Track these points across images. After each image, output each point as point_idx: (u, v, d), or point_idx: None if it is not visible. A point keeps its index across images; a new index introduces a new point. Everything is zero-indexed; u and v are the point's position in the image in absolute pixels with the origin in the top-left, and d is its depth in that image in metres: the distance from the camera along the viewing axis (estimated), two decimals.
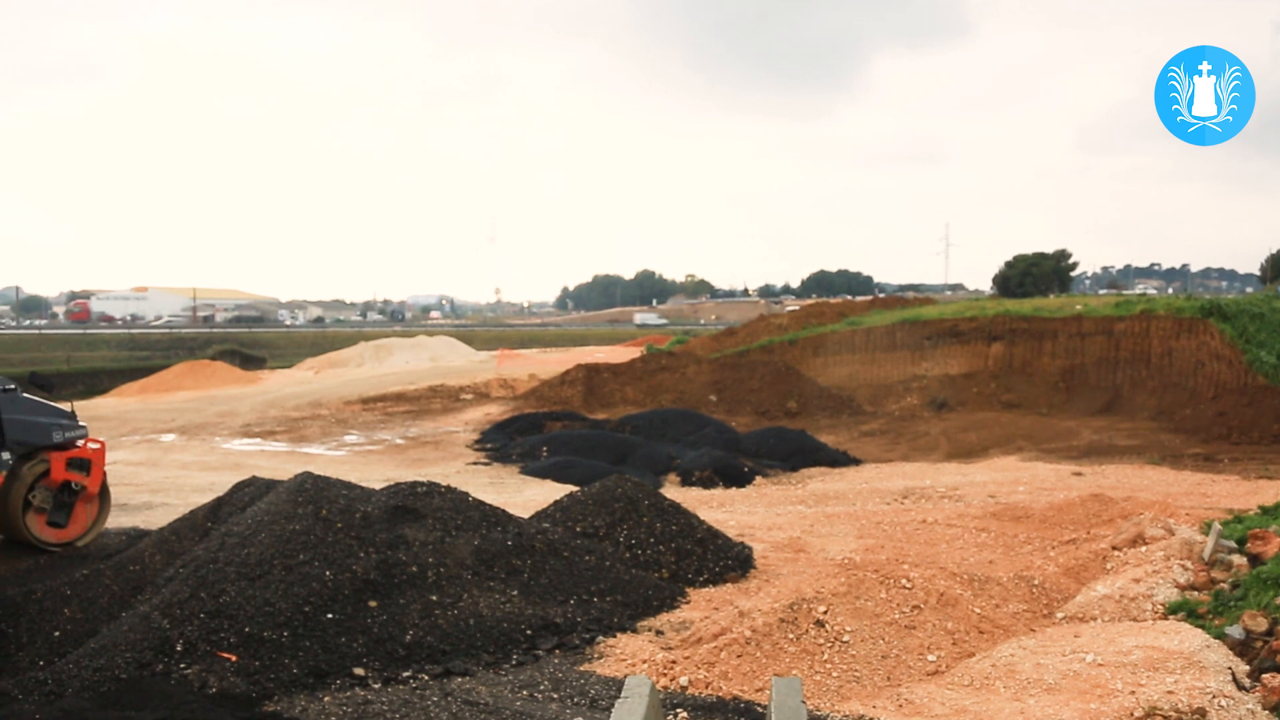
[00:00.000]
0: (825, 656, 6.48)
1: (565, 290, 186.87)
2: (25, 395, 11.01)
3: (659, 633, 7.40)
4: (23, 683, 6.54)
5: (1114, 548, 8.91)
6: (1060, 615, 7.57)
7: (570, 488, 13.06)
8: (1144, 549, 8.56)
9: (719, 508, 12.94)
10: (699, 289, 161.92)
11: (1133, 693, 5.45)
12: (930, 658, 6.64)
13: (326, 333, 79.36)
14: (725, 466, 15.85)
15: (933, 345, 27.16)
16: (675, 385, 26.02)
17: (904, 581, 7.34)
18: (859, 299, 56.14)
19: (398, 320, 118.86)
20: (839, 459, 18.00)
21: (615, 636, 7.27)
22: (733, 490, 14.87)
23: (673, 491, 13.56)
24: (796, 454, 17.80)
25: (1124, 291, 60.92)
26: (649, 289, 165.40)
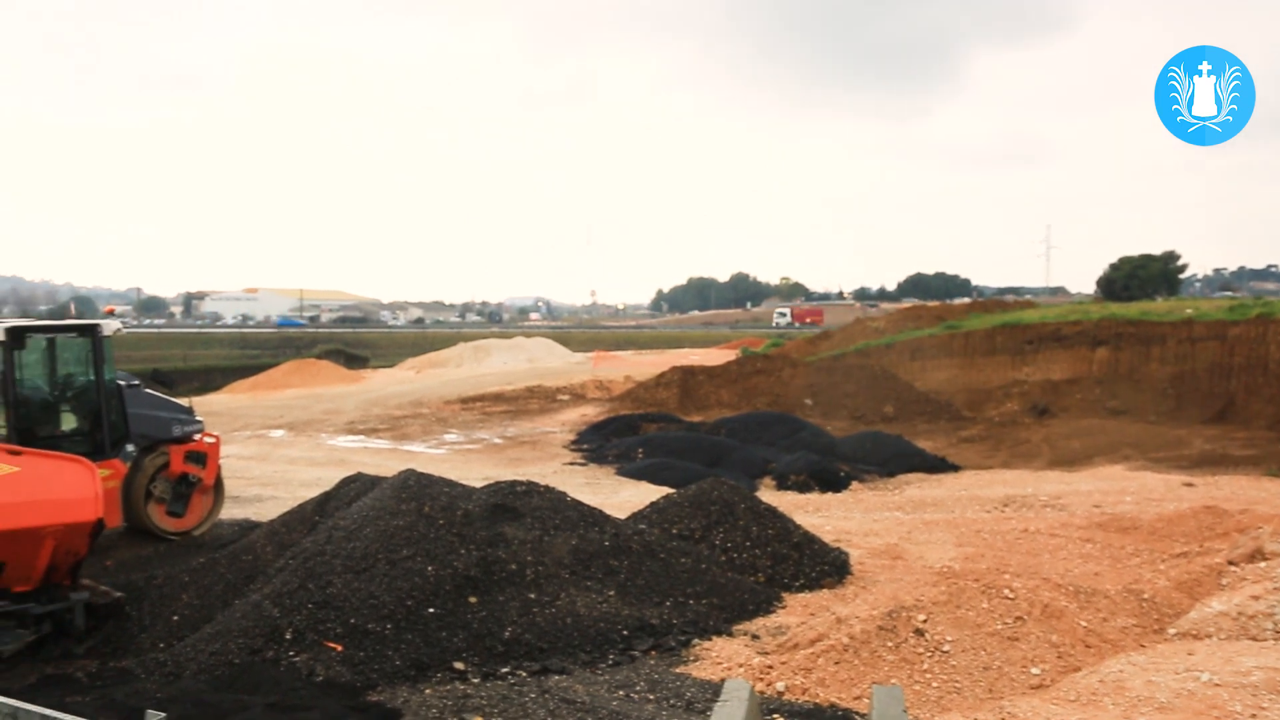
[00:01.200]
0: (925, 666, 6.38)
1: (659, 293, 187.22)
2: (148, 391, 11.57)
3: (755, 637, 7.39)
4: (144, 662, 6.90)
5: (1230, 563, 8.55)
6: (1172, 631, 7.30)
7: (666, 490, 13.11)
8: (1263, 564, 8.20)
9: (815, 512, 12.83)
10: (793, 292, 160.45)
11: (1253, 716, 5.23)
12: (1034, 671, 6.47)
13: (426, 333, 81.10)
14: (821, 471, 15.69)
15: (1034, 350, 26.39)
16: (770, 388, 25.87)
17: (1006, 592, 7.18)
18: (957, 302, 54.84)
19: (495, 322, 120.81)
20: (937, 465, 17.65)
21: (711, 639, 7.28)
22: (828, 495, 14.72)
23: (768, 495, 13.50)
24: (893, 459, 17.52)
25: (1238, 295, 58.15)
26: (743, 292, 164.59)
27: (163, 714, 2.80)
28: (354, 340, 66.69)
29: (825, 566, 9.00)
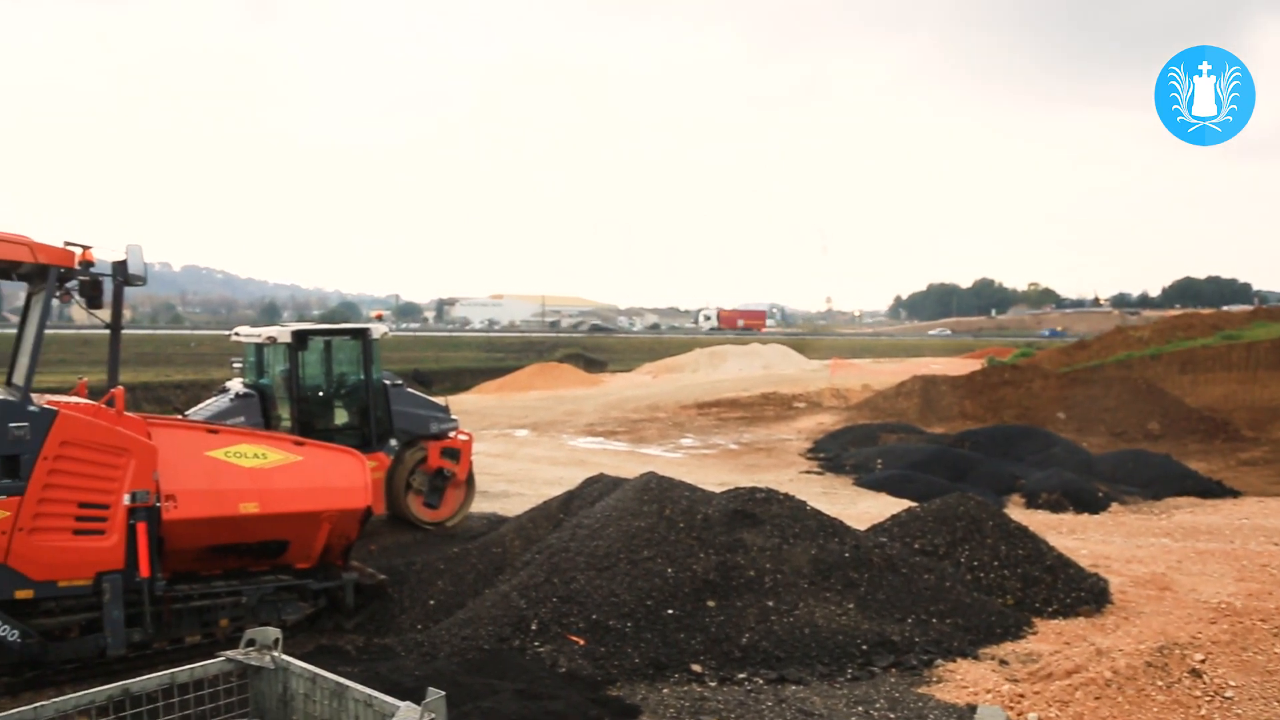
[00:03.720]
0: (1202, 711, 5.79)
1: (898, 299, 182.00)
2: (409, 390, 12.43)
3: (1003, 662, 6.98)
4: (404, 641, 7.39)
5: None
6: None
7: (906, 503, 12.66)
8: None
9: (1069, 534, 12.00)
10: (1043, 298, 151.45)
11: None
12: None
13: (662, 339, 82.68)
14: (1076, 490, 14.65)
15: None
16: (1019, 400, 24.48)
17: None
18: (1235, 309, 49.78)
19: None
20: (1212, 489, 16.03)
21: (955, 661, 6.95)
22: (1084, 516, 13.72)
23: (1017, 513, 12.75)
24: (1159, 480, 16.08)
25: None
26: (987, 298, 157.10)
27: (442, 693, 2.96)
28: (593, 345, 69.00)
29: (1081, 593, 8.38)
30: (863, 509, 13.33)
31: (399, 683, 5.71)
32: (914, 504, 10.59)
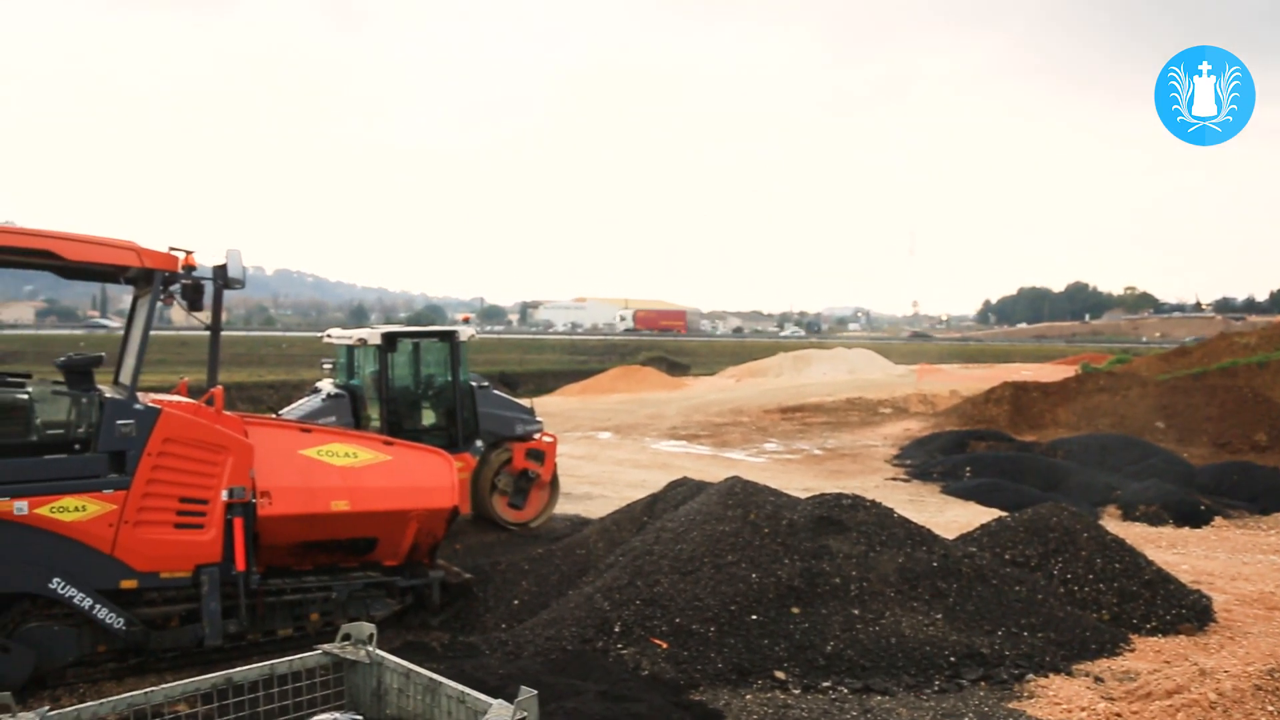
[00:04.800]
0: None
1: (987, 303, 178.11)
2: (495, 392, 12.59)
3: (1098, 680, 6.75)
4: (489, 640, 7.47)
5: None
6: None
7: (996, 512, 12.37)
8: None
9: (1168, 549, 11.58)
10: (1140, 303, 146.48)
11: None
12: None
13: (745, 342, 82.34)
14: (1177, 502, 14.12)
15: None
16: (1115, 408, 23.69)
17: None
18: None
19: (814, 332, 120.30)
20: None
21: (1047, 676, 6.74)
22: (1185, 530, 13.22)
23: (1113, 525, 12.35)
24: (1267, 494, 15.39)
25: None
26: (1080, 302, 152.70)
27: (534, 692, 2.98)
28: (675, 348, 69.04)
29: (1182, 610, 8.07)
30: (950, 517, 13.07)
31: (483, 680, 5.77)
32: (1004, 513, 10.34)
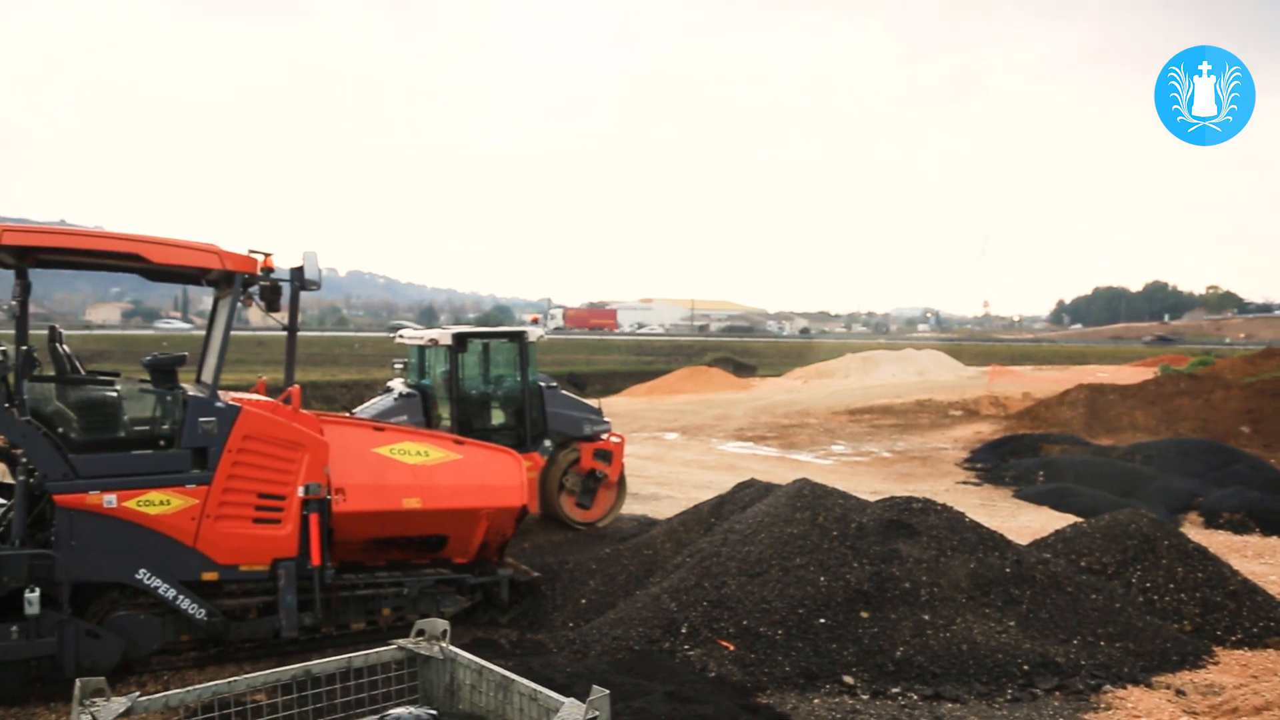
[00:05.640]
0: None
1: (1060, 303, 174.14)
2: (564, 392, 12.68)
3: (1180, 692, 6.56)
4: (556, 638, 7.54)
5: None
6: None
7: (1070, 518, 12.10)
8: None
9: (1255, 558, 11.19)
10: (1223, 302, 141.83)
11: None
12: None
13: (812, 343, 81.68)
14: (1264, 510, 13.64)
15: None
16: (1196, 412, 22.99)
17: None
18: None
19: (882, 333, 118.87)
20: None
21: (1125, 688, 6.57)
22: (1273, 539, 12.75)
23: (1195, 533, 11.99)
24: None
25: None
26: (1159, 302, 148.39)
27: (606, 691, 3.00)
28: (741, 349, 68.77)
29: (1271, 623, 7.79)
30: (1023, 523, 12.82)
31: (551, 678, 5.82)
32: (1079, 519, 10.10)
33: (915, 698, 6.34)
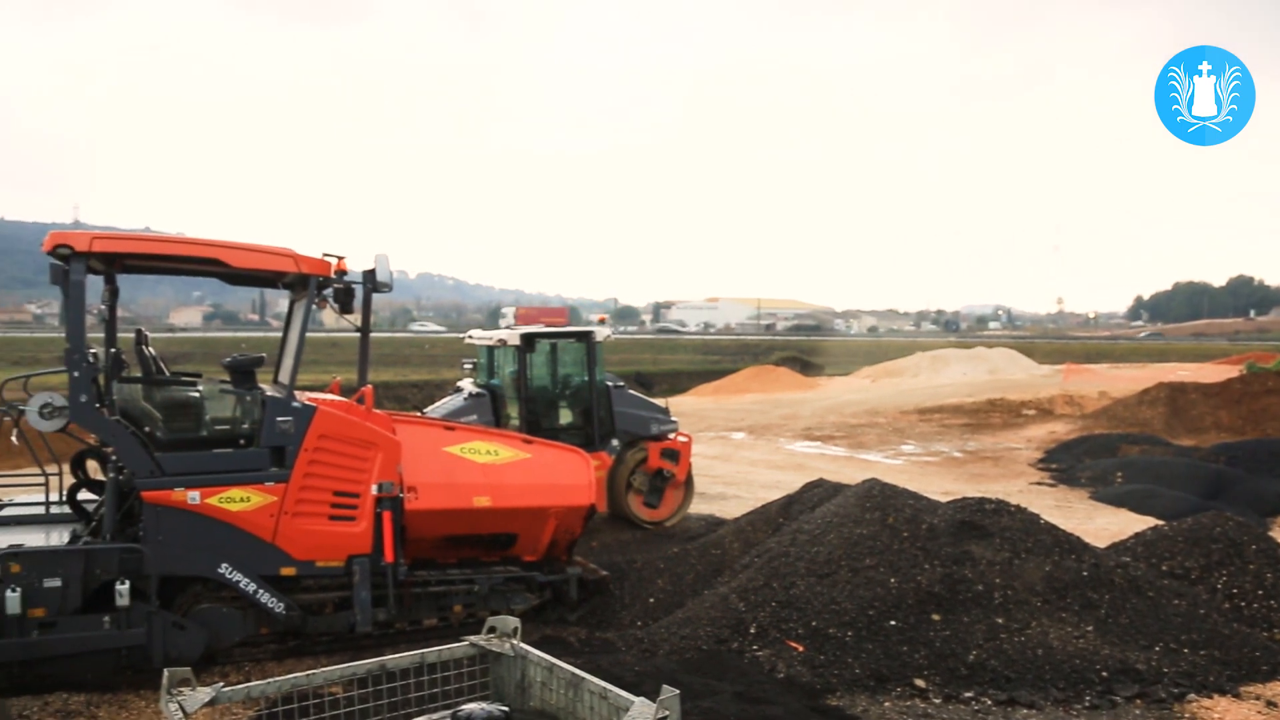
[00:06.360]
0: None
1: (1139, 299, 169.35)
2: (631, 392, 12.72)
3: (1270, 704, 6.33)
4: (624, 637, 7.56)
5: None
6: None
7: (1150, 520, 11.78)
8: None
9: None
10: None
11: None
12: None
13: (880, 342, 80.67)
14: None
15: None
16: None
17: None
18: None
19: (952, 330, 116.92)
20: None
21: (1211, 698, 6.37)
22: None
23: None
24: None
25: None
26: (1244, 298, 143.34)
27: (676, 691, 3.01)
28: (808, 348, 68.19)
29: None
30: (1100, 525, 12.51)
31: (619, 677, 5.84)
32: (1160, 522, 9.82)
33: (989, 702, 6.24)
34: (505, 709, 3.38)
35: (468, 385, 12.78)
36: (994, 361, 46.44)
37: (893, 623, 6.90)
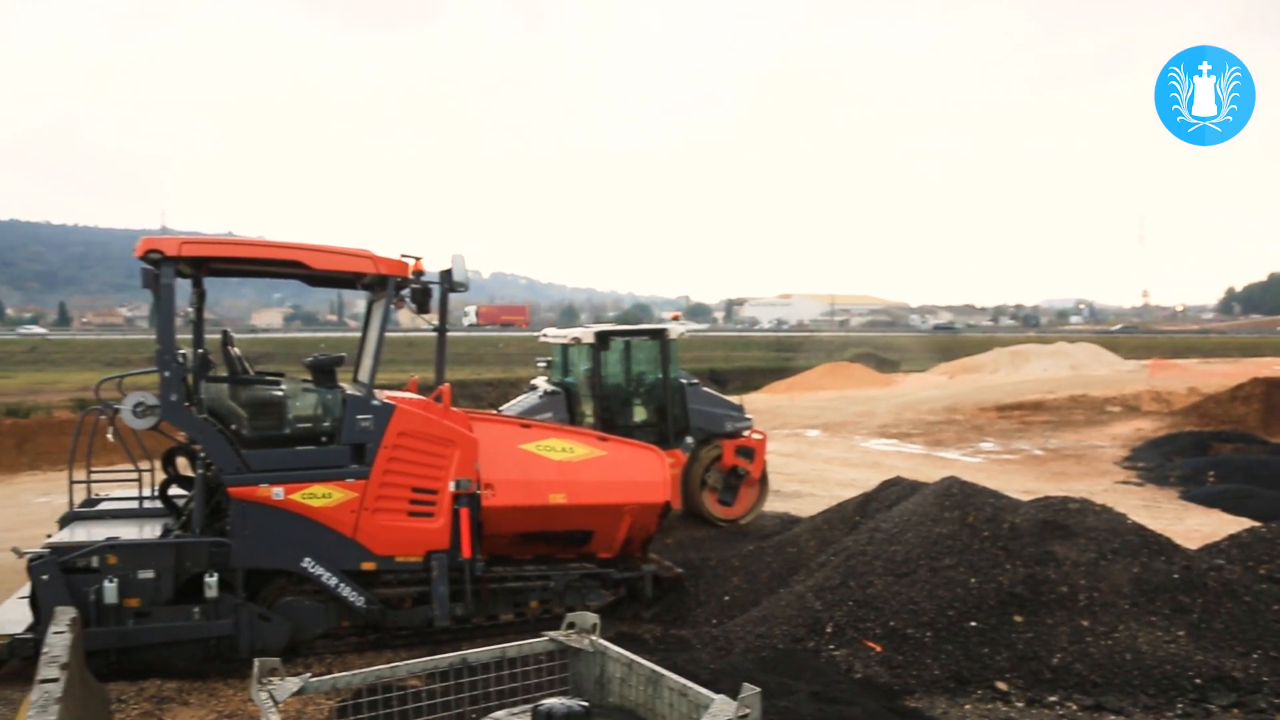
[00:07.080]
0: None
1: (1230, 291, 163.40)
2: (705, 389, 12.69)
3: None
4: (699, 635, 7.55)
5: None
6: None
7: (1245, 521, 11.35)
8: None
9: None
10: None
11: None
12: None
13: (957, 338, 79.19)
14: None
15: None
16: None
17: None
18: None
19: (1031, 325, 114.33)
20: None
21: None
22: None
23: None
24: None
25: None
26: None
27: (757, 689, 3.00)
28: (883, 344, 67.25)
29: None
30: (1191, 526, 12.11)
31: (695, 675, 5.81)
32: (1256, 523, 9.46)
33: (1074, 708, 6.07)
34: (585, 704, 3.40)
35: (542, 383, 12.89)
36: (1076, 357, 45.28)
37: (973, 624, 6.76)
